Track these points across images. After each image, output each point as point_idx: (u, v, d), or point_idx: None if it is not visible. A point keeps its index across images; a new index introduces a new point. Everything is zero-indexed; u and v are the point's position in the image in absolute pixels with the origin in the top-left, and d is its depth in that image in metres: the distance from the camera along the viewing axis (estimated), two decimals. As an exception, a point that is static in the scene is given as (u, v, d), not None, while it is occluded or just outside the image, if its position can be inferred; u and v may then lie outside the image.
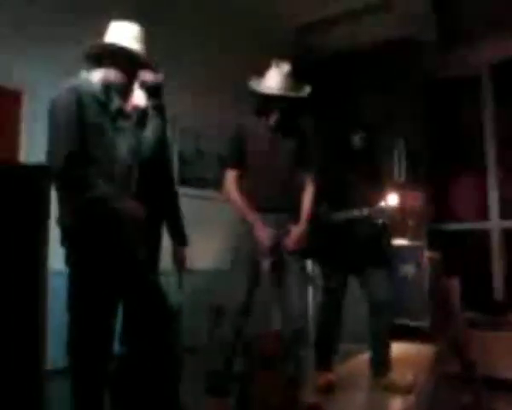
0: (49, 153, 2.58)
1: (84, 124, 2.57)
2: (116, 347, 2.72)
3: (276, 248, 3.25)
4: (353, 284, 3.85)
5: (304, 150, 3.43)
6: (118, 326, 2.73)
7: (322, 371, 3.73)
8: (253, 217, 3.23)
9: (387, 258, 3.95)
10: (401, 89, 6.52)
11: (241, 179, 3.34)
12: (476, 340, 4.75)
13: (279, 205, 3.30)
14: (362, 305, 3.85)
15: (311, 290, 5.49)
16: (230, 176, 3.34)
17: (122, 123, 2.79)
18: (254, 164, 3.32)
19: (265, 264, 3.22)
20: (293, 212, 3.35)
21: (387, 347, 3.78)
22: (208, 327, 3.69)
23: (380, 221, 3.74)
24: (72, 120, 2.55)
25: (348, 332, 4.09)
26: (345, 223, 3.70)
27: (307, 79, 3.48)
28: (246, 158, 3.33)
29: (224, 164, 3.42)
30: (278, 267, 3.28)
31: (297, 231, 3.29)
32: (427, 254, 4.99)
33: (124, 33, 2.73)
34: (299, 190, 3.42)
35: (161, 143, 3.15)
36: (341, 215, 3.72)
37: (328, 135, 4.24)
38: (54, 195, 2.68)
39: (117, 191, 2.57)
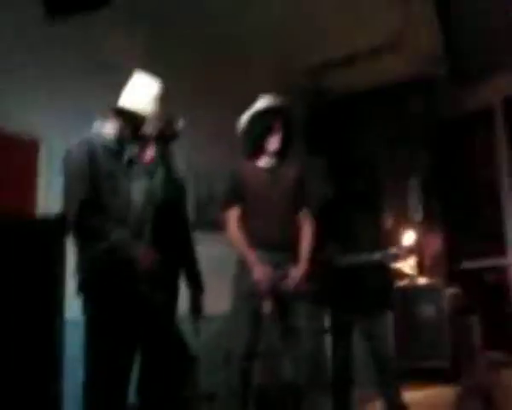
0: (64, 204, 2.64)
1: (98, 175, 2.62)
2: (132, 397, 2.71)
3: (276, 290, 3.19)
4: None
5: (301, 189, 3.41)
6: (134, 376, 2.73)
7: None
8: (251, 257, 3.18)
9: (392, 301, 3.94)
10: (414, 128, 6.53)
11: (241, 220, 3.28)
12: (501, 379, 4.66)
13: (278, 244, 3.23)
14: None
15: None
16: (231, 215, 3.29)
17: (135, 172, 2.85)
18: (252, 205, 3.27)
19: (266, 306, 3.18)
20: (293, 252, 3.28)
21: (398, 392, 3.72)
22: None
23: (391, 265, 3.73)
24: (83, 172, 2.60)
25: (362, 378, 4.02)
26: (352, 266, 3.69)
27: (319, 120, 3.52)
28: (244, 199, 3.29)
29: (223, 204, 3.37)
30: (280, 309, 3.25)
31: (297, 271, 3.21)
32: (449, 291, 4.93)
33: (141, 92, 2.82)
34: (298, 229, 3.36)
35: (172, 188, 3.23)
36: (352, 259, 3.70)
37: (334, 176, 4.25)
38: (70, 246, 2.72)
39: (130, 238, 2.60)
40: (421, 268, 5.83)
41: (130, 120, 2.81)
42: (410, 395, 3.89)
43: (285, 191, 3.32)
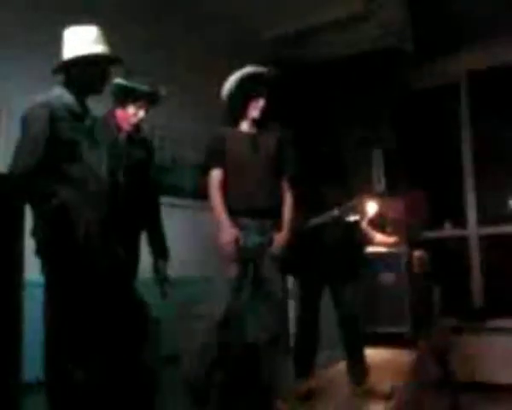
0: (13, 162, 2.57)
1: (58, 138, 2.57)
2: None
3: (250, 253, 3.24)
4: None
5: (281, 156, 3.45)
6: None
7: (302, 380, 3.74)
8: (223, 220, 3.21)
9: (359, 265, 4.01)
10: (379, 99, 6.58)
11: (223, 185, 3.31)
12: (456, 346, 4.79)
13: (261, 210, 3.29)
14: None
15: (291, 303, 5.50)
16: (213, 176, 3.32)
17: (98, 135, 2.82)
18: (234, 170, 3.32)
19: (232, 268, 3.20)
20: (276, 217, 3.36)
21: (361, 353, 3.82)
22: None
23: (351, 219, 3.78)
24: (41, 133, 2.54)
25: (327, 340, 4.10)
26: (316, 231, 3.73)
27: (283, 89, 3.52)
28: (226, 163, 3.33)
29: (206, 165, 3.41)
30: (253, 272, 3.28)
31: (280, 238, 3.30)
32: (416, 253, 5.03)
33: (83, 40, 2.71)
34: (280, 195, 3.43)
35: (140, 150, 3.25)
36: (313, 221, 3.75)
37: (299, 145, 4.28)
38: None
39: (75, 201, 2.55)
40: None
41: (84, 69, 2.72)
42: (372, 358, 3.98)
43: (266, 158, 3.37)
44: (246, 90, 3.36)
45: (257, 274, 3.30)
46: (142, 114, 3.31)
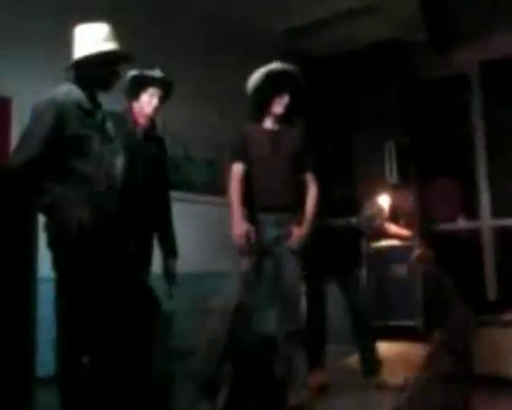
0: (10, 156, 2.60)
1: (65, 134, 2.56)
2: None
3: (258, 247, 3.25)
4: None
5: (303, 152, 3.48)
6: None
7: (313, 371, 3.75)
8: (237, 213, 3.23)
9: (360, 260, 4.06)
10: (391, 91, 6.55)
11: (246, 181, 3.34)
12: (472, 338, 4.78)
13: (282, 206, 3.32)
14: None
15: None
16: (234, 169, 3.35)
17: (109, 132, 2.82)
18: (256, 165, 3.35)
19: (244, 262, 3.22)
20: (295, 211, 3.39)
21: (373, 346, 3.83)
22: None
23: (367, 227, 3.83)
24: (40, 132, 2.52)
25: (337, 333, 4.11)
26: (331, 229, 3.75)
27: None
28: (248, 157, 3.36)
29: (230, 158, 3.43)
30: (259, 267, 3.30)
31: (299, 231, 3.32)
32: (417, 251, 5.03)
33: (94, 37, 2.71)
34: (301, 190, 3.45)
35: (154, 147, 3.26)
36: (332, 222, 3.76)
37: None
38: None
39: (71, 198, 2.53)
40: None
41: (95, 67, 2.72)
42: (384, 351, 3.98)
43: (287, 154, 3.40)
44: (271, 86, 3.38)
45: (275, 267, 3.32)
46: (155, 101, 3.35)
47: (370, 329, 3.93)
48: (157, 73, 3.37)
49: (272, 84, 3.38)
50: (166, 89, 3.43)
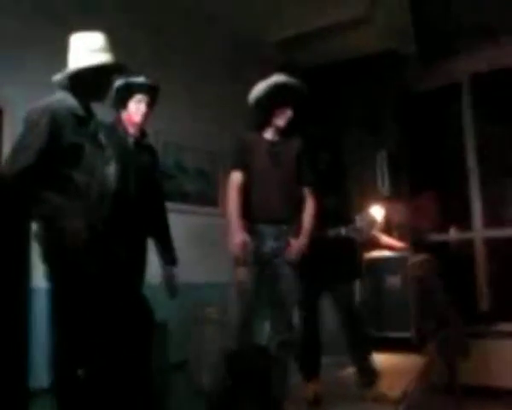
0: (4, 166, 2.57)
1: (59, 143, 2.53)
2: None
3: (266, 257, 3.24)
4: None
5: (302, 164, 3.48)
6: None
7: (308, 383, 3.71)
8: (235, 224, 3.21)
9: (359, 272, 4.04)
10: (383, 101, 6.57)
11: (244, 191, 3.32)
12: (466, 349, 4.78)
13: (280, 217, 3.32)
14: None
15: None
16: (234, 177, 3.33)
17: (102, 141, 2.80)
18: (255, 176, 3.34)
19: (241, 273, 3.19)
20: (294, 224, 3.38)
21: (368, 357, 3.81)
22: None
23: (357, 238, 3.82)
24: (33, 141, 2.49)
25: (332, 345, 4.09)
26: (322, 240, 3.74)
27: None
28: (247, 167, 3.34)
29: (229, 167, 3.42)
30: (269, 277, 3.28)
31: (297, 243, 3.32)
32: (413, 259, 5.04)
33: (89, 48, 2.68)
34: (299, 203, 3.45)
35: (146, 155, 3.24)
36: (323, 234, 3.75)
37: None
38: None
39: (68, 209, 2.50)
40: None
41: (92, 79, 2.70)
42: (380, 363, 3.95)
43: (286, 166, 3.39)
44: (274, 99, 3.36)
45: (272, 279, 3.31)
46: (143, 107, 3.32)
47: (365, 340, 3.91)
48: (142, 79, 3.35)
49: (276, 97, 3.37)
50: (153, 95, 3.41)
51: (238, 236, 3.16)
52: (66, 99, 2.66)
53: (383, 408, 3.52)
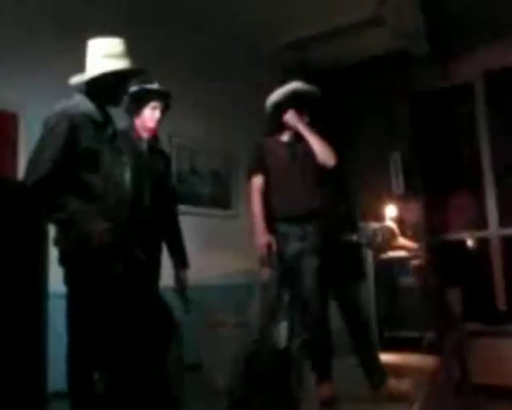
0: (25, 172, 2.59)
1: (77, 147, 2.57)
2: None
3: (281, 261, 3.29)
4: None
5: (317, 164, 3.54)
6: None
7: (321, 384, 3.73)
8: (259, 226, 3.29)
9: (362, 272, 4.07)
10: (395, 103, 6.56)
11: (266, 193, 3.42)
12: (479, 349, 4.75)
13: (302, 217, 3.39)
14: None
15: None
16: (254, 182, 3.45)
17: (119, 145, 2.84)
18: (275, 178, 3.45)
19: (264, 273, 3.25)
20: (316, 223, 3.45)
21: (376, 358, 3.82)
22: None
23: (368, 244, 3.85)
24: (53, 146, 2.54)
25: (344, 347, 4.09)
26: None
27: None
28: (267, 170, 3.45)
29: (248, 175, 3.53)
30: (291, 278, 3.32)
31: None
32: (413, 262, 5.04)
33: (107, 54, 2.71)
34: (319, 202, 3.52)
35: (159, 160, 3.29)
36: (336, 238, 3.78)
37: None
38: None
39: (86, 213, 2.55)
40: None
41: (109, 85, 2.74)
42: (392, 362, 3.96)
43: (305, 165, 3.49)
44: (292, 105, 3.49)
45: (296, 280, 3.36)
46: (157, 114, 3.39)
47: (371, 341, 3.92)
48: (156, 86, 3.42)
49: (293, 103, 3.49)
50: (166, 101, 3.48)
51: (262, 237, 3.24)
52: (83, 104, 2.69)
53: (397, 407, 3.53)
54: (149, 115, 3.39)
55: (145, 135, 3.43)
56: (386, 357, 3.98)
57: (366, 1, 5.56)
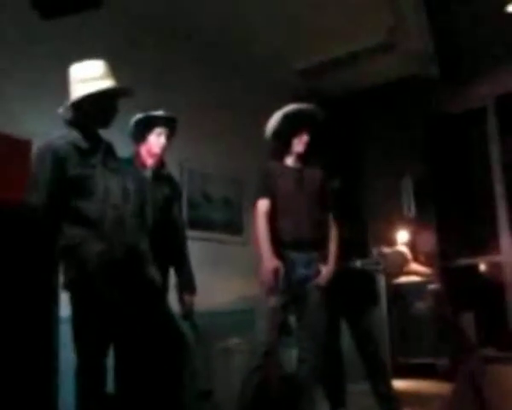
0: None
1: (64, 177, 2.59)
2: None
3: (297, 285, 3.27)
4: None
5: (325, 190, 3.55)
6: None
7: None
8: (265, 250, 3.24)
9: (375, 299, 4.04)
10: (407, 127, 6.58)
11: (271, 218, 3.36)
12: (492, 375, 4.68)
13: (308, 243, 3.36)
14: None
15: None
16: (261, 205, 3.39)
17: (113, 165, 2.82)
18: (281, 203, 3.40)
19: (271, 299, 3.21)
20: (322, 250, 3.43)
21: (388, 384, 3.78)
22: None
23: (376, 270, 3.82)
24: (40, 178, 2.58)
25: (357, 372, 4.05)
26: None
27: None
28: (273, 194, 3.40)
29: (254, 199, 3.47)
30: (299, 304, 3.30)
31: (327, 270, 3.37)
32: (430, 286, 5.00)
33: (90, 76, 2.71)
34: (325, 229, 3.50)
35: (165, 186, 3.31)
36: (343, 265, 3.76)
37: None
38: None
39: (85, 236, 2.55)
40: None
41: (93, 105, 2.72)
42: (405, 389, 3.91)
43: (311, 192, 3.46)
44: (290, 126, 3.46)
45: (302, 306, 3.34)
46: (163, 140, 3.42)
47: (384, 368, 3.88)
48: (161, 112, 3.45)
49: (291, 125, 3.46)
50: (172, 127, 3.51)
51: (270, 262, 3.20)
52: (69, 134, 2.71)
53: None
54: (154, 141, 3.43)
55: (150, 161, 3.45)
56: (399, 384, 3.93)
57: (377, 26, 5.59)
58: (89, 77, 2.71)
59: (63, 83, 2.79)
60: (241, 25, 5.28)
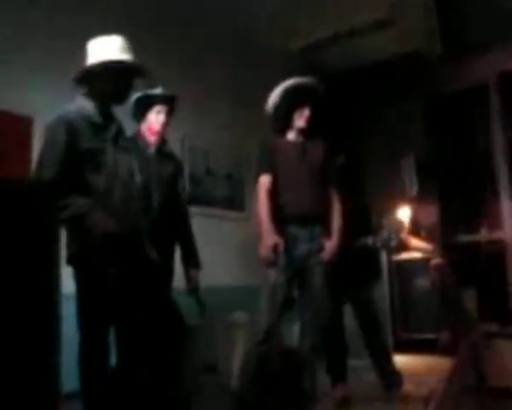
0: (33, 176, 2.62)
1: (77, 150, 2.57)
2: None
3: (294, 261, 3.27)
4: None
5: (327, 165, 3.54)
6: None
7: (336, 385, 3.72)
8: (266, 226, 3.24)
9: (377, 274, 4.05)
10: (408, 103, 6.55)
11: (273, 193, 3.36)
12: (493, 351, 4.70)
13: (311, 218, 3.36)
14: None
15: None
16: (261, 182, 3.38)
17: (124, 145, 2.82)
18: (283, 178, 3.39)
19: (271, 274, 3.22)
20: (324, 223, 3.42)
21: (390, 360, 3.80)
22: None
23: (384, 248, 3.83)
24: (55, 149, 2.54)
25: (358, 348, 4.08)
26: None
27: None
28: (275, 171, 3.39)
29: (256, 171, 3.47)
30: (291, 282, 3.30)
31: (331, 245, 3.37)
32: (433, 261, 4.99)
33: (108, 48, 2.67)
34: (328, 203, 3.50)
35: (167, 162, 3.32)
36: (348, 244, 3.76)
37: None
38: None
39: (88, 207, 2.52)
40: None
41: (108, 78, 2.68)
42: (407, 364, 3.94)
43: (313, 166, 3.44)
44: (290, 101, 3.43)
45: (305, 281, 3.34)
46: (162, 117, 3.43)
47: (385, 344, 3.91)
48: (160, 90, 3.45)
49: (291, 99, 3.43)
50: (171, 104, 3.51)
51: (270, 238, 3.20)
52: (83, 107, 2.68)
53: (411, 408, 3.51)
54: (154, 119, 3.44)
55: (152, 139, 3.46)
56: (401, 359, 3.96)
57: (379, 2, 5.55)
58: (109, 49, 2.67)
59: (68, 60, 2.80)
60: (242, 1, 5.25)
